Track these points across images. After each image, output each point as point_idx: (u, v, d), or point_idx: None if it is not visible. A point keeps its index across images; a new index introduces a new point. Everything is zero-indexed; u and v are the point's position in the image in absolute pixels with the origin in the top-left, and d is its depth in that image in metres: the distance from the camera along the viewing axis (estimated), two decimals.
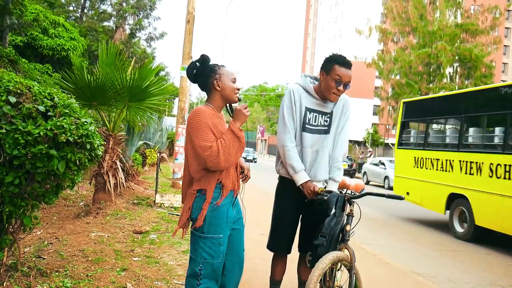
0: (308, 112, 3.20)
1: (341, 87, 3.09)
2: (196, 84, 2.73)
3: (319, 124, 3.23)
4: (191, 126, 2.51)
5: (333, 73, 3.08)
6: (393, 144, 41.62)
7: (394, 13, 31.92)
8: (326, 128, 3.24)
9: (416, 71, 30.62)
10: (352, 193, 3.19)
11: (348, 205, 2.99)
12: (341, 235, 2.95)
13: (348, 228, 2.94)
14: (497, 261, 6.78)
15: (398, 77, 32.09)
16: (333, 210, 2.93)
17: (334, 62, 3.11)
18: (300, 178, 3.14)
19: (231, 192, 2.64)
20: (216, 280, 2.59)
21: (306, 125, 3.20)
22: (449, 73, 31.42)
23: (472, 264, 6.43)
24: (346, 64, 3.12)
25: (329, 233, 2.84)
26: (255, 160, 37.85)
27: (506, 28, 52.43)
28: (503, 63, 58.10)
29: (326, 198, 2.94)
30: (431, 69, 30.55)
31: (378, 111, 38.01)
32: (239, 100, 2.71)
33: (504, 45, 49.82)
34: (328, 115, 3.24)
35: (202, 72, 2.67)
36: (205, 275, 2.54)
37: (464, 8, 31.08)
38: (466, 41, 30.08)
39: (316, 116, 3.22)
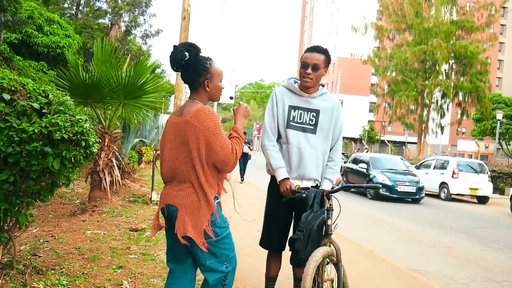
0: (292, 110, 3.25)
1: (308, 70, 3.17)
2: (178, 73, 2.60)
3: (304, 121, 3.25)
4: (209, 125, 2.37)
5: (301, 61, 3.23)
6: (389, 141, 41.77)
7: (390, 10, 31.98)
8: (312, 127, 3.25)
9: (412, 68, 30.72)
10: (332, 187, 3.22)
11: (327, 199, 3.00)
12: (324, 230, 2.95)
13: (329, 222, 2.95)
14: (491, 257, 6.81)
15: (394, 74, 32.16)
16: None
17: (303, 53, 3.27)
18: (278, 175, 3.19)
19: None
20: (235, 269, 2.58)
21: (290, 122, 3.25)
22: (445, 70, 31.56)
23: (467, 260, 6.46)
24: (312, 49, 3.24)
25: (306, 227, 2.83)
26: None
27: (501, 25, 52.59)
28: (498, 60, 58.31)
29: (304, 195, 2.95)
30: (426, 66, 30.65)
31: (374, 108, 38.09)
32: (231, 98, 2.71)
33: (500, 42, 49.99)
34: (314, 113, 3.26)
35: (193, 67, 2.50)
36: (232, 270, 2.51)
37: (459, 5, 31.18)
38: (462, 38, 30.19)
39: (301, 113, 3.25)
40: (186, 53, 2.49)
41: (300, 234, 2.82)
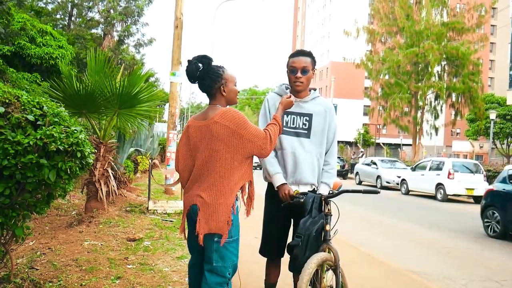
0: (285, 115, 3.24)
1: (298, 74, 3.18)
2: (196, 85, 2.73)
3: (297, 126, 3.25)
4: (238, 120, 2.57)
5: (288, 66, 3.24)
6: (384, 144, 41.87)
7: (381, 13, 32.17)
8: (306, 131, 3.25)
9: (405, 71, 30.85)
10: (330, 192, 3.20)
11: (325, 204, 2.98)
12: (322, 235, 2.93)
13: (327, 227, 2.93)
14: (490, 256, 6.82)
15: (387, 77, 32.31)
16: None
17: (288, 58, 3.28)
18: (275, 181, 3.18)
19: None
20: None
21: (284, 128, 3.23)
22: (437, 71, 31.72)
23: (466, 260, 6.47)
24: (297, 53, 3.26)
25: (304, 233, 2.81)
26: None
27: (492, 25, 53.04)
28: (490, 60, 58.72)
29: (302, 200, 2.94)
30: (419, 68, 30.81)
31: (369, 111, 38.21)
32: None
33: (491, 43, 50.38)
34: (307, 117, 3.26)
35: (207, 76, 2.68)
36: (230, 277, 2.63)
37: (450, 7, 31.41)
38: (453, 39, 30.39)
39: (294, 118, 3.25)
40: (200, 64, 2.67)
41: (298, 240, 2.80)
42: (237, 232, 2.63)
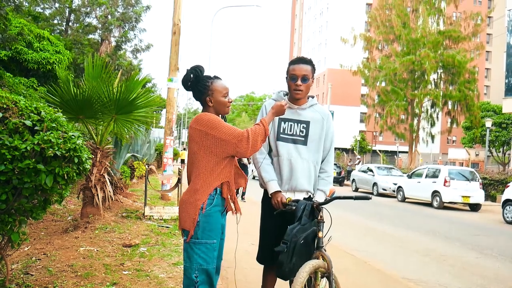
0: (282, 122, 3.26)
1: (298, 82, 3.18)
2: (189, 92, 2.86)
3: (294, 133, 3.26)
4: (209, 122, 2.65)
5: (288, 73, 3.23)
6: (380, 151, 41.95)
7: (378, 21, 32.35)
8: (303, 138, 3.25)
9: (401, 78, 30.99)
10: (326, 199, 3.21)
11: (317, 211, 2.97)
12: (315, 242, 2.92)
13: (320, 235, 2.92)
14: (486, 264, 6.83)
15: (383, 84, 32.43)
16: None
17: (289, 65, 3.27)
18: (269, 188, 3.19)
19: (223, 200, 2.73)
20: (212, 286, 2.68)
21: (281, 135, 3.25)
22: (434, 79, 31.87)
23: (462, 268, 6.48)
24: (298, 60, 3.25)
25: (290, 239, 2.80)
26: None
27: (488, 34, 53.35)
28: (486, 68, 59.02)
29: (294, 207, 2.94)
30: (415, 76, 30.95)
31: (365, 118, 38.32)
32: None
33: (486, 51, 50.63)
34: (305, 124, 3.26)
35: (196, 87, 2.81)
36: (202, 282, 2.62)
37: (446, 15, 31.60)
38: (449, 47, 30.56)
39: (291, 125, 3.26)
40: (191, 75, 2.79)
41: (284, 247, 2.78)
42: (206, 236, 2.63)
